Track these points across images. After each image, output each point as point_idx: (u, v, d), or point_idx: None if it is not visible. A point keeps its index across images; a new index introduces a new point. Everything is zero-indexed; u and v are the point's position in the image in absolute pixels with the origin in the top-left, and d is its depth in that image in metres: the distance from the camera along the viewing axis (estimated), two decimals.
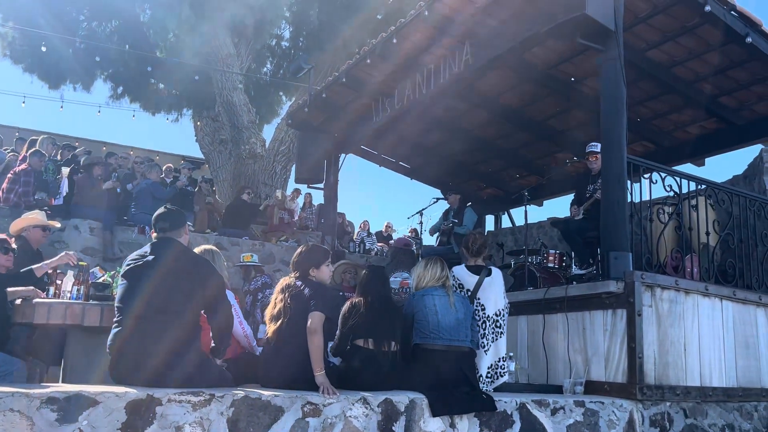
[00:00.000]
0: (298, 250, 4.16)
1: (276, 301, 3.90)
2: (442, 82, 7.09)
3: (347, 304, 4.19)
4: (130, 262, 3.56)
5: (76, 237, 8.37)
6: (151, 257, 3.52)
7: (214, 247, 4.61)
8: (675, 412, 4.95)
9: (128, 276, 3.51)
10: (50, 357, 4.83)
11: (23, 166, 8.60)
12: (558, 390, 4.91)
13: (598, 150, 6.40)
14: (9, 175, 8.45)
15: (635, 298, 4.78)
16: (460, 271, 4.90)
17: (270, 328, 3.86)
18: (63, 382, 4.01)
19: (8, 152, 10.12)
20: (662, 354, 4.91)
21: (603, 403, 4.59)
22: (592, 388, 4.91)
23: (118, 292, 3.53)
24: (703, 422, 5.09)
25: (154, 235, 3.70)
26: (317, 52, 12.93)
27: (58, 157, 10.11)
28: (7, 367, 3.68)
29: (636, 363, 4.70)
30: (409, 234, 9.71)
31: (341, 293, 6.63)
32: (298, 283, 3.94)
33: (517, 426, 4.17)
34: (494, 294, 4.81)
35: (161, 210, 3.73)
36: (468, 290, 4.77)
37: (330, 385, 3.63)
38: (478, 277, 4.79)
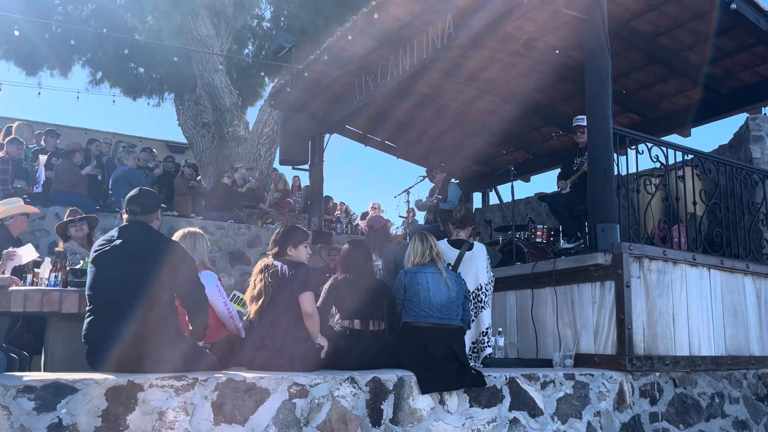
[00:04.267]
0: (277, 230, 4.10)
1: (255, 282, 3.85)
2: (425, 58, 6.99)
3: (330, 281, 4.14)
4: (98, 247, 3.45)
5: (56, 224, 8.21)
6: (118, 241, 3.41)
7: (196, 230, 4.50)
8: (664, 382, 4.95)
9: (96, 262, 3.41)
10: (34, 347, 4.74)
11: (1, 153, 8.42)
12: (548, 364, 4.89)
13: (585, 123, 6.34)
14: None
15: (623, 270, 4.75)
16: (442, 246, 4.84)
17: (252, 309, 3.81)
18: (45, 371, 3.93)
19: None
20: (651, 324, 4.90)
21: (593, 375, 4.58)
22: (582, 360, 4.89)
23: (87, 278, 3.43)
24: (693, 391, 5.10)
25: (125, 217, 3.59)
26: (299, 31, 12.72)
27: (43, 143, 9.92)
28: None
29: (625, 334, 4.68)
30: (406, 215, 9.59)
31: (327, 274, 6.57)
32: (276, 262, 3.89)
33: (507, 401, 4.15)
34: (475, 268, 4.77)
35: (134, 192, 3.62)
36: (449, 264, 4.72)
37: None
38: (458, 251, 4.73)
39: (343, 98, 8.66)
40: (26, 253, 4.37)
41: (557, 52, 7.23)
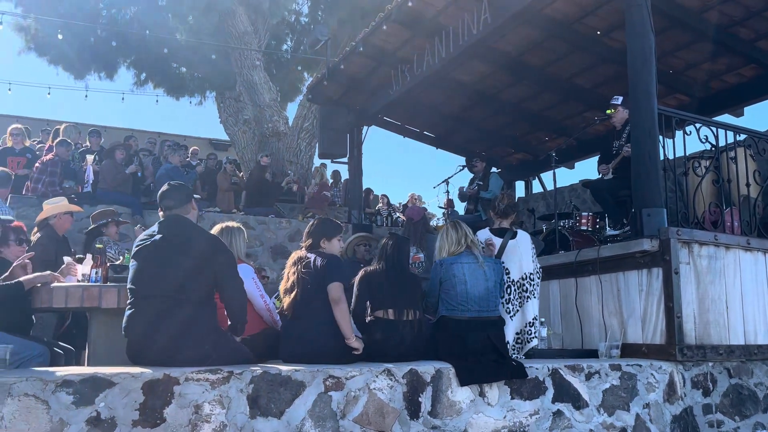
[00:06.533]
0: (311, 222, 4.07)
1: (289, 274, 3.83)
2: (461, 44, 6.87)
3: (360, 273, 4.08)
4: (139, 242, 3.50)
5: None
6: (158, 236, 3.45)
7: (234, 224, 4.50)
8: (718, 372, 4.73)
9: (137, 256, 3.46)
10: (81, 342, 4.85)
11: (50, 155, 8.68)
12: (593, 355, 4.74)
13: (619, 102, 6.14)
14: (37, 165, 8.54)
15: (671, 256, 4.56)
16: (484, 235, 4.72)
17: (285, 301, 3.79)
18: (88, 365, 4.00)
19: (36, 144, 10.23)
20: (702, 312, 4.69)
21: (641, 365, 4.41)
22: (629, 350, 4.73)
23: (129, 273, 3.48)
24: (749, 382, 4.87)
25: (161, 213, 3.62)
26: (336, 24, 12.71)
27: (87, 144, 10.18)
28: (27, 353, 3.66)
29: (674, 323, 4.49)
30: (444, 205, 9.48)
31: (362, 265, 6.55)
32: (310, 255, 3.86)
33: (550, 393, 4.03)
34: (519, 257, 4.63)
35: (164, 188, 3.65)
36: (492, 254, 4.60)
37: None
38: (501, 240, 4.61)
39: (380, 89, 8.60)
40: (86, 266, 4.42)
41: (598, 33, 7.00)
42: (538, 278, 4.84)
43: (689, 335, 4.57)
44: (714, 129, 5.25)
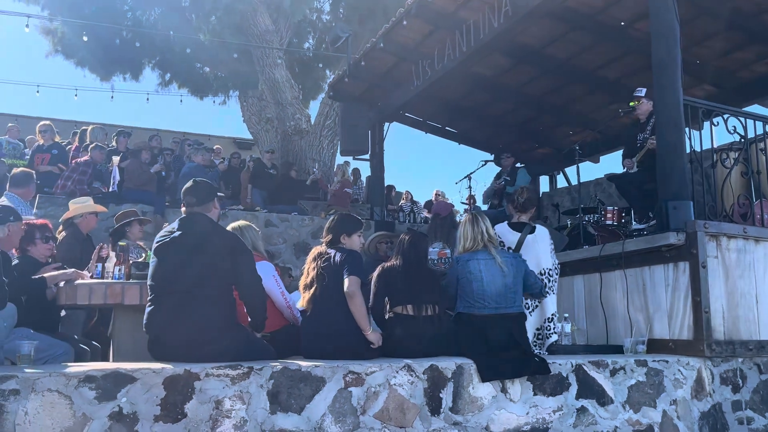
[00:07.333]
0: (331, 218, 4.06)
1: (308, 270, 3.83)
2: (482, 38, 6.80)
3: (378, 268, 4.06)
4: (160, 238, 3.53)
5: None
6: (178, 233, 3.48)
7: (242, 223, 4.51)
8: (748, 368, 4.62)
9: (157, 253, 3.49)
10: (108, 339, 4.91)
11: (85, 157, 8.84)
12: (619, 350, 4.66)
13: (642, 94, 6.03)
14: (71, 164, 8.71)
15: (698, 249, 4.45)
16: (501, 229, 4.67)
17: (304, 297, 3.79)
18: (112, 361, 4.05)
19: (65, 144, 10.39)
20: (731, 307, 4.58)
21: (667, 361, 4.32)
22: (656, 346, 4.63)
23: (149, 270, 3.51)
24: None
25: (183, 209, 3.65)
26: (357, 21, 12.71)
27: (114, 144, 10.33)
28: (53, 351, 3.72)
29: (702, 318, 4.40)
30: (466, 201, 9.42)
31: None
32: (330, 250, 3.85)
33: (574, 389, 3.97)
34: (537, 252, 4.57)
35: (189, 184, 3.67)
36: (509, 249, 4.55)
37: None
38: (519, 234, 4.55)
39: (401, 85, 8.57)
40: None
41: (622, 24, 6.88)
42: (557, 274, 4.77)
43: (718, 330, 4.47)
44: (743, 119, 5.12)
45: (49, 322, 4.21)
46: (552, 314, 4.61)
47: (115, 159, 9.03)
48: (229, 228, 4.32)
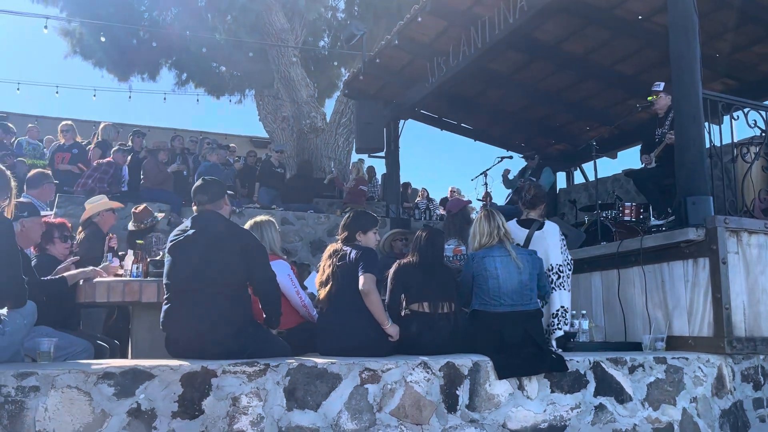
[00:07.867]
0: (347, 215, 4.06)
1: (324, 267, 3.83)
2: (497, 34, 6.76)
3: (393, 266, 4.06)
4: (173, 237, 3.55)
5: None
6: (191, 231, 3.50)
7: (264, 218, 4.50)
8: None
9: (171, 252, 3.51)
10: (127, 336, 4.96)
11: (108, 158, 8.92)
12: (637, 347, 4.61)
13: (660, 89, 5.96)
14: (93, 164, 8.79)
15: (718, 245, 4.39)
16: (510, 226, 4.63)
17: (321, 294, 3.79)
18: (131, 358, 4.09)
19: (85, 144, 10.49)
20: (753, 304, 4.51)
21: (687, 359, 4.27)
22: (675, 343, 4.58)
23: (164, 268, 3.53)
24: None
25: (195, 208, 3.67)
26: (371, 19, 12.70)
27: (130, 143, 10.41)
28: (73, 349, 3.76)
29: (723, 314, 4.33)
30: (482, 198, 9.38)
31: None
32: (345, 247, 3.86)
33: (592, 386, 3.93)
34: (546, 248, 4.53)
35: (199, 183, 3.70)
36: (518, 245, 4.51)
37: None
38: (527, 231, 4.52)
39: (416, 82, 8.55)
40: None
41: (640, 18, 6.80)
42: (569, 270, 4.71)
43: (738, 327, 4.41)
44: (763, 113, 5.04)
45: (70, 320, 4.25)
46: (558, 309, 4.57)
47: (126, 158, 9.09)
48: (250, 222, 4.34)
